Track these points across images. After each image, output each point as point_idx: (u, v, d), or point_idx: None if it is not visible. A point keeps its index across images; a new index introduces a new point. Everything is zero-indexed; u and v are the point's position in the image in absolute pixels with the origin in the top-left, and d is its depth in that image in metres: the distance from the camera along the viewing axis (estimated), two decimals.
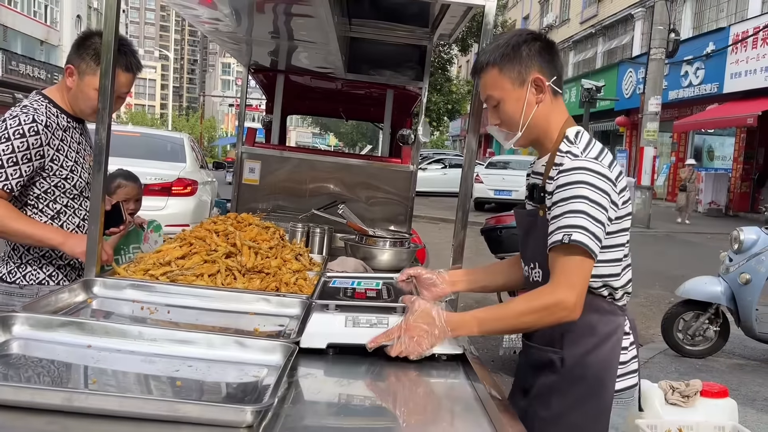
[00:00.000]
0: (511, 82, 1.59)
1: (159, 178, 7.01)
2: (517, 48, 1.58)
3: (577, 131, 1.62)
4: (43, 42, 32.45)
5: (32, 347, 1.37)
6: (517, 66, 1.58)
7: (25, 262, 2.13)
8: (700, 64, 18.22)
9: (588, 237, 1.45)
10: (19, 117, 2.00)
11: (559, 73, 1.63)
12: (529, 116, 1.60)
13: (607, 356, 1.61)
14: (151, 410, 1.07)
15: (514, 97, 1.60)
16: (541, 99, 1.59)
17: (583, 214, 1.46)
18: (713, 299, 5.00)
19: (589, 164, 1.50)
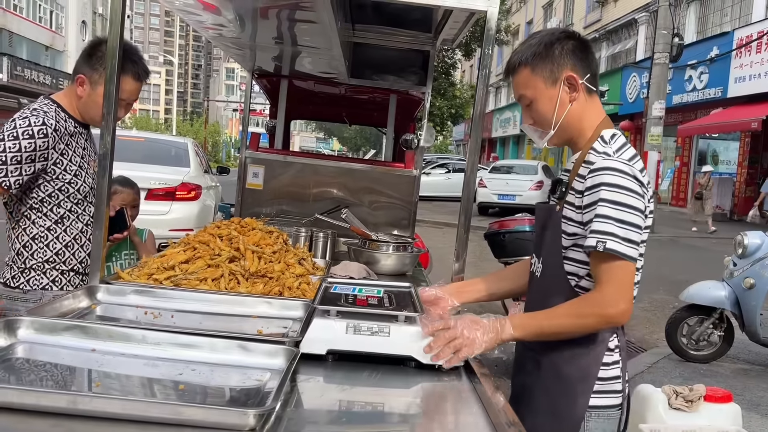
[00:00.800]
0: (543, 80, 1.58)
1: (163, 183, 7.03)
2: (549, 46, 1.57)
3: (614, 133, 1.59)
4: (48, 47, 32.63)
5: (37, 351, 1.38)
6: (549, 64, 1.57)
7: (28, 267, 2.14)
8: (704, 68, 18.19)
9: (621, 244, 1.43)
10: (30, 119, 2.03)
11: (594, 71, 1.61)
12: (562, 115, 1.58)
13: (582, 368, 1.57)
14: (155, 413, 1.08)
15: (546, 95, 1.58)
16: (574, 98, 1.58)
17: (616, 221, 1.44)
18: (717, 304, 4.99)
19: (622, 166, 1.48)
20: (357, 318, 1.55)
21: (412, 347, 1.51)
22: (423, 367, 1.51)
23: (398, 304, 1.70)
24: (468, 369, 1.56)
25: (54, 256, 2.15)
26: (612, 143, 1.56)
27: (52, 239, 2.14)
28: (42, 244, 2.14)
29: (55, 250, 2.15)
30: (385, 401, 1.41)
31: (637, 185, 1.47)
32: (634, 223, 1.45)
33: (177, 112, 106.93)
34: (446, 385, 1.49)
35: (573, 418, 1.56)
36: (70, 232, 2.17)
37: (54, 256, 2.15)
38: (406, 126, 4.50)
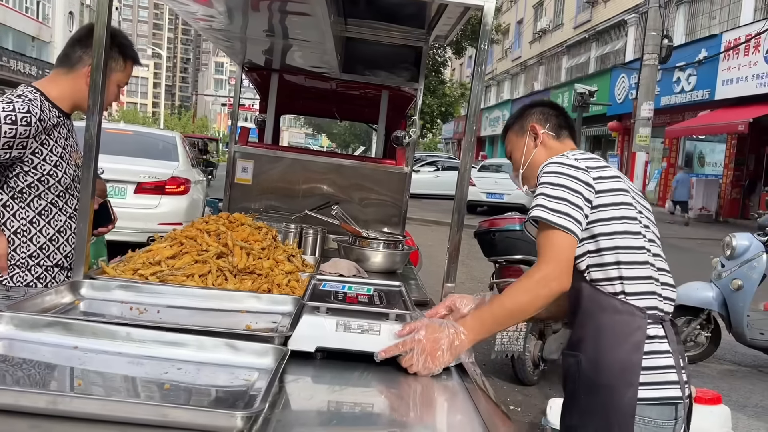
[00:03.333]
0: (515, 134, 1.94)
1: (153, 177, 6.96)
2: (524, 110, 1.95)
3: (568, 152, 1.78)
4: (34, 38, 32.22)
5: (17, 348, 1.33)
6: (519, 121, 1.93)
7: (12, 263, 2.07)
8: (693, 70, 18.31)
9: (543, 210, 1.58)
10: (15, 104, 1.95)
11: (560, 123, 1.89)
12: (529, 158, 1.88)
13: (622, 360, 1.55)
14: (140, 415, 1.04)
15: (518, 145, 1.92)
16: (537, 144, 1.87)
17: (542, 195, 1.61)
18: (705, 305, 5.01)
19: (558, 158, 1.69)
20: (347, 315, 1.52)
21: None
22: None
23: (389, 303, 1.67)
24: (460, 369, 1.54)
25: (38, 251, 2.09)
26: None
27: (35, 233, 2.08)
28: (25, 239, 2.07)
29: (38, 244, 2.09)
30: (376, 402, 1.39)
31: (570, 169, 1.63)
32: (563, 197, 1.58)
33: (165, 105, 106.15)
34: (438, 384, 1.46)
35: (617, 418, 1.54)
36: (54, 224, 2.12)
37: (38, 251, 2.09)
38: (397, 123, 4.46)
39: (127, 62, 2.19)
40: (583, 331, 1.63)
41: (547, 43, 31.30)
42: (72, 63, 2.14)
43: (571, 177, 1.61)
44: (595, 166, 1.67)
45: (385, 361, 1.48)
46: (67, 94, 2.14)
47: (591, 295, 1.64)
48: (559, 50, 29.72)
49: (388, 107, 4.15)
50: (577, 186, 1.60)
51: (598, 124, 23.72)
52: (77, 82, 2.13)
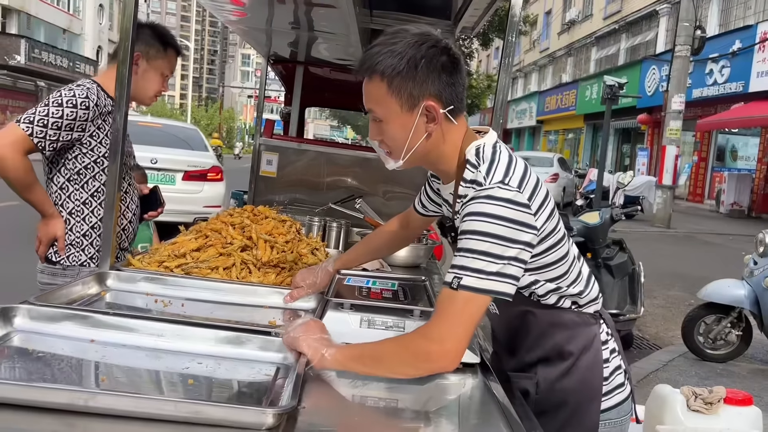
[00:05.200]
0: (399, 103, 1.32)
1: (197, 166, 7.87)
2: (413, 64, 1.29)
3: (477, 148, 1.37)
4: (65, 30, 32.78)
5: (34, 340, 1.33)
6: (409, 86, 1.31)
7: (68, 243, 2.21)
8: (726, 62, 17.88)
9: (484, 280, 1.24)
10: (75, 90, 2.14)
11: (460, 95, 1.36)
12: (415, 145, 1.36)
13: (585, 376, 1.46)
14: (170, 411, 1.03)
15: (399, 121, 1.34)
16: (432, 129, 1.35)
17: (484, 255, 1.24)
18: (736, 303, 4.90)
19: (493, 192, 1.27)
20: (371, 312, 1.51)
21: None
22: None
23: (413, 298, 1.66)
24: (483, 367, 1.52)
25: (90, 230, 2.22)
26: (481, 164, 1.34)
27: (88, 213, 2.23)
28: (79, 218, 2.21)
29: (91, 223, 2.23)
30: (399, 398, 1.37)
31: (515, 209, 1.26)
32: (509, 256, 1.25)
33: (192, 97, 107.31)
34: (461, 382, 1.44)
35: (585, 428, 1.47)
36: (104, 206, 2.21)
37: (90, 230, 2.22)
38: None
39: (168, 50, 2.32)
40: (538, 353, 1.49)
41: (575, 35, 30.84)
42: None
43: (515, 224, 1.25)
44: (530, 191, 1.32)
45: None
46: None
47: (545, 315, 1.48)
48: (588, 41, 29.26)
49: None
50: (521, 233, 1.26)
51: (628, 117, 23.33)
52: None
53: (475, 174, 1.33)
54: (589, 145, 28.71)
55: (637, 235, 11.37)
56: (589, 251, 5.22)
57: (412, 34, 1.33)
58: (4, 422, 1.01)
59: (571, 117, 28.97)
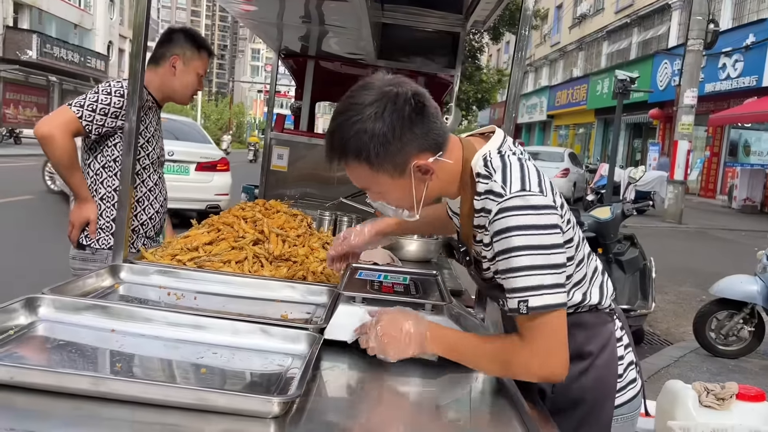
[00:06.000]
0: (388, 175, 1.29)
1: (208, 158, 8.62)
2: (383, 138, 1.23)
3: (484, 159, 1.32)
4: (76, 26, 32.95)
5: (57, 330, 1.37)
6: (390, 158, 1.26)
7: (99, 227, 2.31)
8: (739, 56, 17.70)
9: (547, 295, 1.21)
10: (122, 83, 2.29)
11: (440, 131, 1.30)
12: (422, 197, 1.33)
13: (602, 374, 1.45)
14: (178, 398, 1.05)
15: (396, 187, 1.31)
16: (430, 178, 1.31)
17: (534, 269, 1.21)
18: (749, 299, 4.86)
19: (518, 201, 1.22)
20: (383, 305, 1.51)
21: None
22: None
23: (425, 292, 1.65)
24: None
25: None
26: (493, 174, 1.28)
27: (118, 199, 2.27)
28: (110, 204, 2.31)
29: None
30: (410, 391, 1.38)
31: (546, 213, 1.22)
32: (554, 263, 1.22)
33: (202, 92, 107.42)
34: (472, 376, 1.44)
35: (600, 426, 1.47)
36: (135, 194, 2.32)
37: None
38: None
39: (201, 52, 2.45)
40: None
41: (587, 29, 30.64)
42: (157, 59, 2.44)
43: (550, 228, 1.22)
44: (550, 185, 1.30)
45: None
46: (157, 85, 2.44)
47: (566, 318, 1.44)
48: (600, 36, 29.06)
49: None
50: (558, 236, 1.24)
51: (639, 112, 23.17)
52: (165, 74, 2.42)
53: (489, 185, 1.28)
54: (599, 140, 28.55)
55: (648, 231, 11.30)
56: (600, 246, 5.20)
57: (368, 102, 1.24)
58: (25, 404, 1.04)
59: (582, 112, 28.81)
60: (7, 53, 25.86)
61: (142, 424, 1.02)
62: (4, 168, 14.36)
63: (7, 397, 1.04)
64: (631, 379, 1.51)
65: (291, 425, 1.08)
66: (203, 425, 1.03)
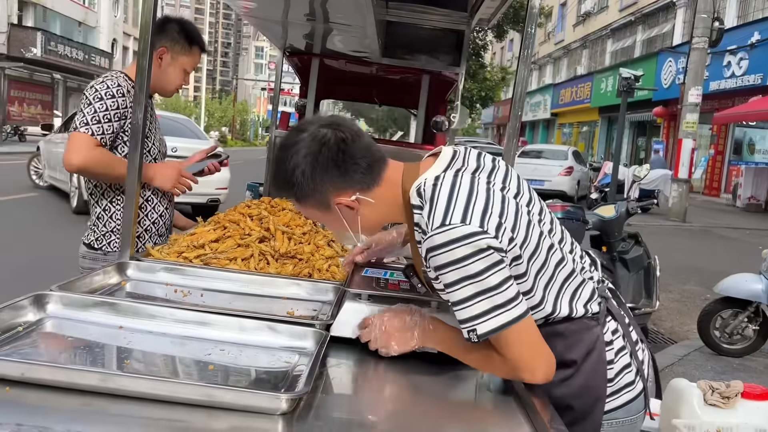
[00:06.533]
0: (317, 209, 1.39)
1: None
2: (304, 183, 1.32)
3: (418, 189, 1.34)
4: (81, 23, 33.01)
5: (65, 326, 1.37)
6: (313, 201, 1.36)
7: (109, 229, 2.30)
8: (744, 54, 17.64)
9: (491, 319, 1.24)
10: (106, 82, 2.21)
11: (363, 169, 1.34)
12: (357, 227, 1.41)
13: (588, 380, 1.42)
14: (186, 394, 1.06)
15: (329, 219, 1.41)
16: (357, 211, 1.37)
17: (471, 298, 1.24)
18: (753, 297, 4.85)
19: (438, 239, 1.23)
20: (389, 303, 1.52)
21: None
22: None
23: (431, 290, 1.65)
24: None
25: None
26: (424, 205, 1.31)
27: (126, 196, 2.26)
28: (119, 206, 2.28)
29: None
30: (417, 389, 1.38)
31: (468, 246, 1.21)
32: (491, 286, 1.23)
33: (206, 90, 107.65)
34: (478, 372, 1.45)
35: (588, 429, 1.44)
36: (143, 194, 2.30)
37: None
38: (438, 108, 4.42)
39: (192, 47, 2.37)
40: None
41: (591, 26, 30.56)
42: None
43: (476, 255, 1.21)
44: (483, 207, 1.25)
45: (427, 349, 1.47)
46: None
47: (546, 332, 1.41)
48: (604, 33, 28.98)
49: (429, 92, 4.11)
50: (489, 259, 1.22)
51: (644, 110, 23.12)
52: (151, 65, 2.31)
53: (419, 217, 1.33)
54: (603, 138, 28.50)
55: (652, 229, 11.28)
56: (605, 245, 5.20)
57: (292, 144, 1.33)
58: (35, 400, 1.04)
59: (586, 110, 28.75)
60: (12, 51, 25.91)
61: (151, 420, 1.03)
62: (8, 166, 14.40)
63: (17, 393, 1.05)
64: (626, 383, 1.47)
65: (298, 422, 1.08)
66: (211, 422, 1.03)
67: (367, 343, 1.44)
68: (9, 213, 8.95)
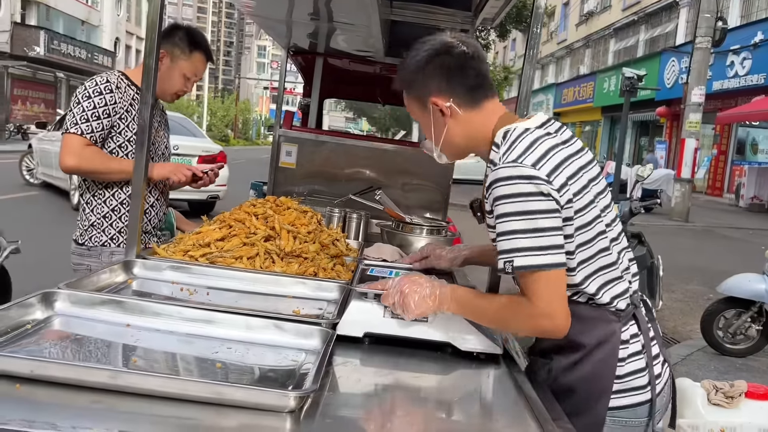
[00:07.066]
0: (417, 106, 1.54)
1: (208, 151, 9.33)
2: (416, 72, 1.48)
3: (506, 131, 1.43)
4: (84, 22, 33.02)
5: (73, 324, 1.38)
6: (416, 91, 1.51)
7: (90, 224, 2.32)
8: (748, 53, 17.61)
9: (532, 256, 1.30)
10: (95, 79, 2.27)
11: (471, 84, 1.47)
12: (441, 136, 1.52)
13: (597, 370, 1.44)
14: (195, 392, 1.07)
15: (423, 120, 1.55)
16: (446, 121, 1.49)
17: (518, 233, 1.31)
18: (757, 297, 4.85)
19: (506, 172, 1.33)
20: None
21: (450, 333, 1.48)
22: (461, 354, 1.48)
23: None
24: (507, 356, 1.52)
25: (110, 212, 2.33)
26: (503, 145, 1.41)
27: (109, 196, 2.33)
28: (101, 200, 2.32)
29: (111, 206, 2.33)
30: (423, 387, 1.39)
31: (532, 183, 1.31)
32: (540, 227, 1.31)
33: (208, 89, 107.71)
34: (484, 372, 1.46)
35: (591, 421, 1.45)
36: (126, 190, 2.32)
37: (110, 212, 2.33)
38: None
39: (193, 53, 2.37)
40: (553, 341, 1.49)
41: (593, 26, 30.51)
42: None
43: (535, 196, 1.31)
44: (550, 169, 1.35)
45: (432, 347, 1.49)
46: None
47: None
48: (607, 33, 28.94)
49: None
50: (544, 205, 1.31)
51: (646, 109, 23.08)
52: None
53: (495, 155, 1.43)
54: (606, 138, 28.46)
55: (655, 229, 11.27)
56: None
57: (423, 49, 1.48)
58: (44, 398, 1.05)
59: (589, 109, 28.71)
60: (15, 49, 25.94)
61: (160, 418, 1.04)
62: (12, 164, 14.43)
63: (27, 390, 1.05)
64: (637, 386, 1.47)
65: (306, 419, 1.09)
66: (219, 419, 1.04)
67: (371, 339, 1.46)
68: (9, 212, 8.97)
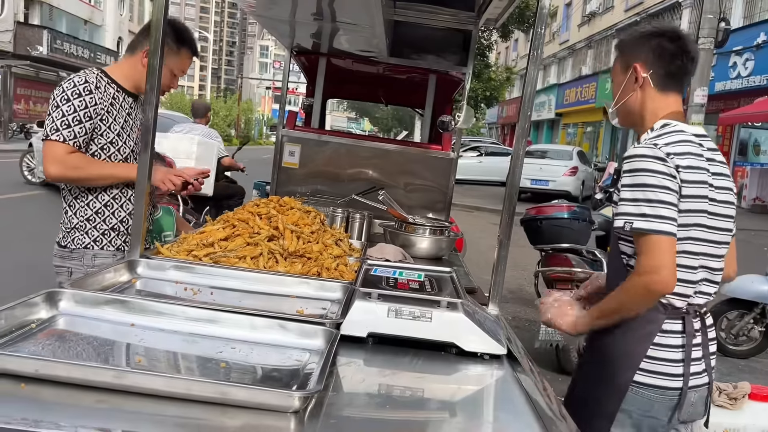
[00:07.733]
0: (622, 66, 1.79)
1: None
2: (640, 37, 1.75)
3: (665, 123, 1.67)
4: (87, 21, 33.07)
5: (78, 323, 1.38)
6: (628, 52, 1.77)
7: (72, 227, 2.29)
8: (750, 54, 17.57)
9: (650, 221, 1.54)
10: (73, 80, 2.20)
11: (672, 71, 1.72)
12: (625, 98, 1.77)
13: (628, 345, 1.65)
14: (200, 392, 1.07)
15: (618, 79, 1.80)
16: (636, 88, 1.74)
17: (643, 201, 1.56)
18: (759, 299, 4.85)
19: (641, 150, 1.60)
20: (398, 302, 1.52)
21: (454, 333, 1.48)
22: (464, 354, 1.48)
23: (440, 289, 1.66)
24: (511, 357, 1.52)
25: (94, 215, 2.29)
26: (657, 131, 1.67)
27: (92, 198, 2.30)
28: (83, 203, 2.28)
29: (95, 208, 2.29)
30: (427, 387, 1.39)
31: (659, 164, 1.56)
32: (657, 199, 1.55)
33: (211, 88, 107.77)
34: (488, 372, 1.45)
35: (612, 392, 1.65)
36: (110, 191, 2.29)
37: (94, 215, 2.29)
38: (444, 107, 4.42)
39: (181, 49, 2.34)
40: None
41: (596, 27, 30.47)
42: (133, 48, 2.36)
43: (662, 174, 1.56)
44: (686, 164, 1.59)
45: (437, 347, 1.49)
46: (128, 74, 2.34)
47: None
48: (609, 34, 28.89)
49: (435, 91, 4.11)
50: (668, 181, 1.56)
51: None
52: (135, 63, 2.33)
53: (646, 136, 1.68)
54: (608, 139, 28.42)
55: None
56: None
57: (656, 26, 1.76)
58: (49, 397, 1.05)
59: (591, 110, 28.66)
60: (18, 49, 25.98)
61: (164, 417, 1.04)
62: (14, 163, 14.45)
63: (32, 390, 1.05)
64: (668, 373, 1.63)
65: (310, 419, 1.09)
66: (224, 419, 1.04)
67: (375, 339, 1.49)
68: (9, 211, 8.98)
